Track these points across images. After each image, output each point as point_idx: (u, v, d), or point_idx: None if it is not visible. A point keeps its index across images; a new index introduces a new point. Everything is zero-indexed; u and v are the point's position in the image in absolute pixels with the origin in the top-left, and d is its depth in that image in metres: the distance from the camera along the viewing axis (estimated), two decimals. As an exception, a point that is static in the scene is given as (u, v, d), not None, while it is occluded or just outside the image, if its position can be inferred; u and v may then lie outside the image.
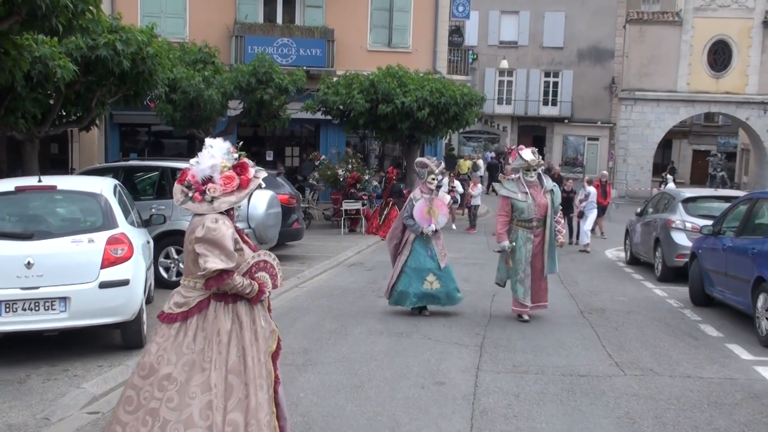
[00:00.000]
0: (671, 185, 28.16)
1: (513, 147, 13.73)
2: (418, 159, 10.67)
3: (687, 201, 13.99)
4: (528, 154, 9.75)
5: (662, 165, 41.99)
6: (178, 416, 4.26)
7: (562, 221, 10.18)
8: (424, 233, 9.78)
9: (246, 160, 4.61)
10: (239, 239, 4.59)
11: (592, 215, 18.68)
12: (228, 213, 4.59)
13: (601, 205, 20.27)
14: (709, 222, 11.58)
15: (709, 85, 35.95)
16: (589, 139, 46.02)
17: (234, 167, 4.53)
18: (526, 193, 9.66)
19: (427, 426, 5.90)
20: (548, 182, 9.97)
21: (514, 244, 9.68)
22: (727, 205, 11.97)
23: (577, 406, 6.44)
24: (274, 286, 4.67)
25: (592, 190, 18.95)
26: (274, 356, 4.66)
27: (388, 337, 8.83)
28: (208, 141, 4.63)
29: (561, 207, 10.30)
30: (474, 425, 5.94)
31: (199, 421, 4.24)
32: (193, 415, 4.25)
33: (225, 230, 4.39)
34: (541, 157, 10.12)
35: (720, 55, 36.08)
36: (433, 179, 9.94)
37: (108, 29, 11.42)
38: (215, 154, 4.52)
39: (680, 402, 6.61)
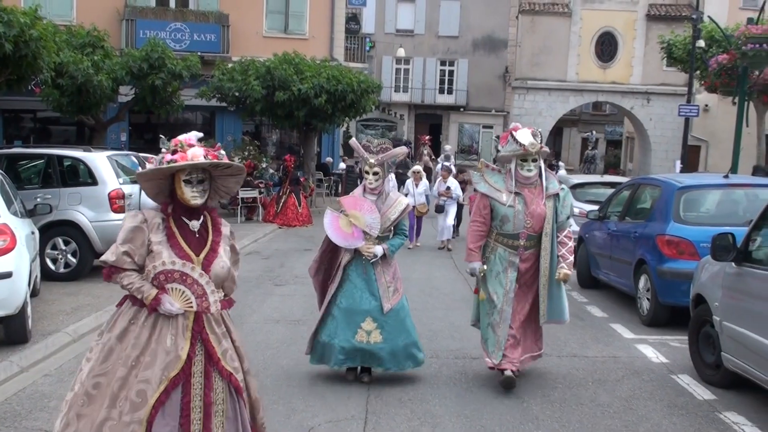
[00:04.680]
0: (562, 172, 29.06)
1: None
2: (350, 141, 7.07)
3: (575, 187, 14.50)
4: (525, 135, 6.51)
5: (554, 152, 43.32)
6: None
7: (570, 243, 6.59)
8: (365, 255, 6.44)
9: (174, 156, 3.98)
10: (163, 242, 3.95)
11: (453, 210, 16.39)
12: (168, 208, 4.06)
13: None
14: (596, 207, 12.04)
15: (597, 75, 37.34)
16: (483, 127, 46.96)
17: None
18: (517, 194, 6.47)
19: (323, 412, 5.94)
20: (553, 182, 6.66)
21: (485, 267, 6.59)
22: (612, 190, 12.48)
23: (470, 388, 6.61)
24: (203, 309, 3.98)
25: (453, 182, 16.70)
26: (170, 387, 3.87)
27: (284, 325, 8.82)
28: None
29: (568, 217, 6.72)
30: (369, 409, 6.01)
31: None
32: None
33: (127, 223, 4.00)
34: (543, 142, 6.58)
35: (607, 47, 37.52)
36: (369, 172, 6.47)
37: (-13, 10, 10.91)
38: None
39: (567, 380, 6.88)
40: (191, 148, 3.98)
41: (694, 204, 9.41)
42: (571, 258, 6.58)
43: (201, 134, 4.17)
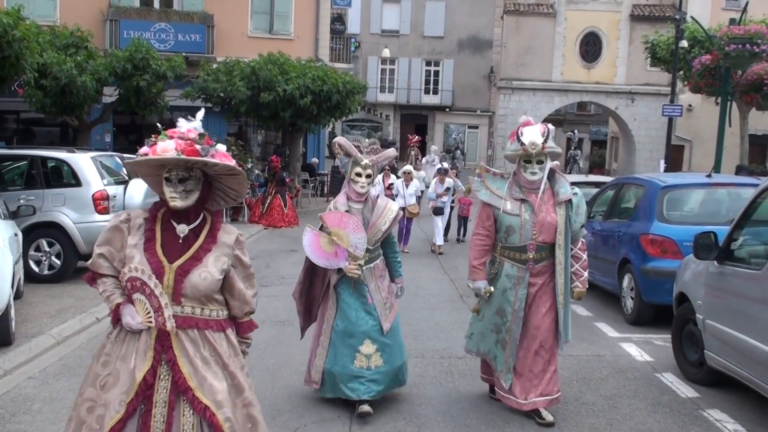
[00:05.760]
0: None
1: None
2: (337, 139, 6.12)
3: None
4: (531, 134, 5.65)
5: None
6: None
7: (584, 256, 5.94)
8: (350, 275, 5.76)
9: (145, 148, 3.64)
10: (139, 245, 3.49)
11: (448, 209, 16.47)
12: (160, 209, 3.62)
13: None
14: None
15: (581, 75, 37.51)
16: (469, 127, 47.10)
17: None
18: (523, 201, 5.73)
19: (309, 413, 5.93)
20: (564, 186, 5.79)
21: (492, 288, 5.81)
22: (596, 190, 12.53)
23: (455, 387, 6.63)
24: (159, 325, 3.41)
25: (450, 181, 16.43)
26: (125, 416, 3.37)
27: (270, 326, 8.79)
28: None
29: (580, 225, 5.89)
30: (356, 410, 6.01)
31: None
32: None
33: (108, 223, 3.58)
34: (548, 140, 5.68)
35: (591, 47, 37.70)
36: (361, 174, 5.81)
37: (-31, 11, 10.84)
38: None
39: (551, 379, 6.90)
40: (163, 141, 3.48)
41: (678, 203, 9.47)
42: (586, 274, 5.92)
43: (201, 112, 3.81)
